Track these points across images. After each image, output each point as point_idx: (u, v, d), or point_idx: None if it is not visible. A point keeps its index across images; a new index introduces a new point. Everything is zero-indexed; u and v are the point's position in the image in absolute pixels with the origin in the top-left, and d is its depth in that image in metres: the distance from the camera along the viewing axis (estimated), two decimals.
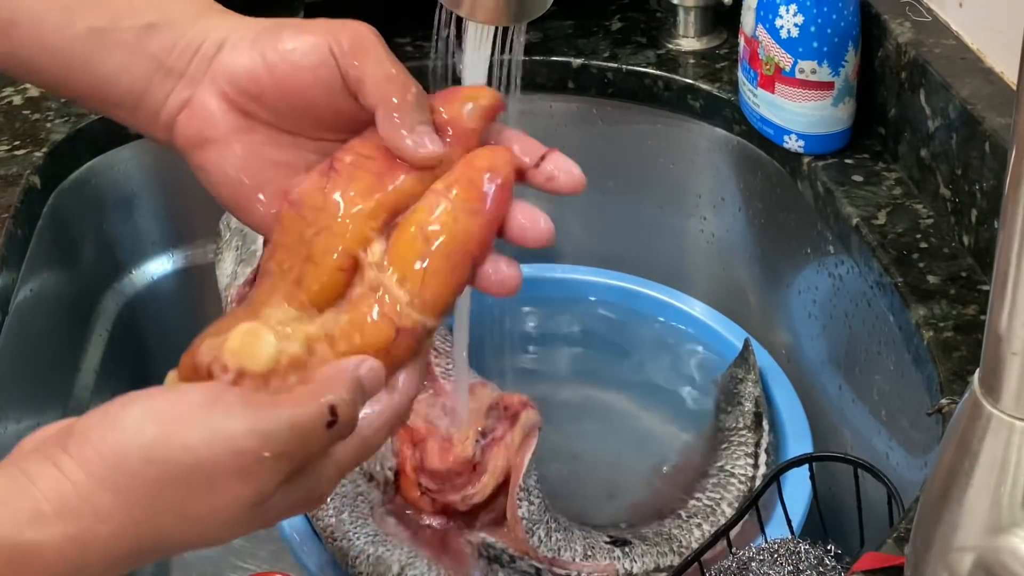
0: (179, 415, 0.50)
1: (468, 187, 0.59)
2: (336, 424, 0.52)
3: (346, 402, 0.53)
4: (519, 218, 0.60)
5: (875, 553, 0.73)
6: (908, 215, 1.01)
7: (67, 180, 1.16)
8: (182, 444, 0.50)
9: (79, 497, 0.48)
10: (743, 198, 1.20)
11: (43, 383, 1.11)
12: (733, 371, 1.12)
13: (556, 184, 0.61)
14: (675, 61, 1.22)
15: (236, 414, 0.50)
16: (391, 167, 0.60)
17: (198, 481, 0.50)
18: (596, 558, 0.97)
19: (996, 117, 0.91)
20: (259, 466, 0.50)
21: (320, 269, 0.58)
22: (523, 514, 0.96)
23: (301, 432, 0.51)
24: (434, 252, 0.58)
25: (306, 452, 0.52)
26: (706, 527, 1.00)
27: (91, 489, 0.49)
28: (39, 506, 0.48)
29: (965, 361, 0.86)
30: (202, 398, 0.51)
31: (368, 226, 0.59)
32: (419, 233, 0.58)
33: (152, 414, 0.50)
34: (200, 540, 0.52)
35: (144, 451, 0.49)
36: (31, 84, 1.14)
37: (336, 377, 0.54)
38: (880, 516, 0.88)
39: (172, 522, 0.51)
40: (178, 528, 0.51)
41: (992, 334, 0.50)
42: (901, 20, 1.04)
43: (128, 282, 1.25)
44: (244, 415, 0.50)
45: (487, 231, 0.59)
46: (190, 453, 0.49)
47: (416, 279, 0.58)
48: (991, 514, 0.52)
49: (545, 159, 0.61)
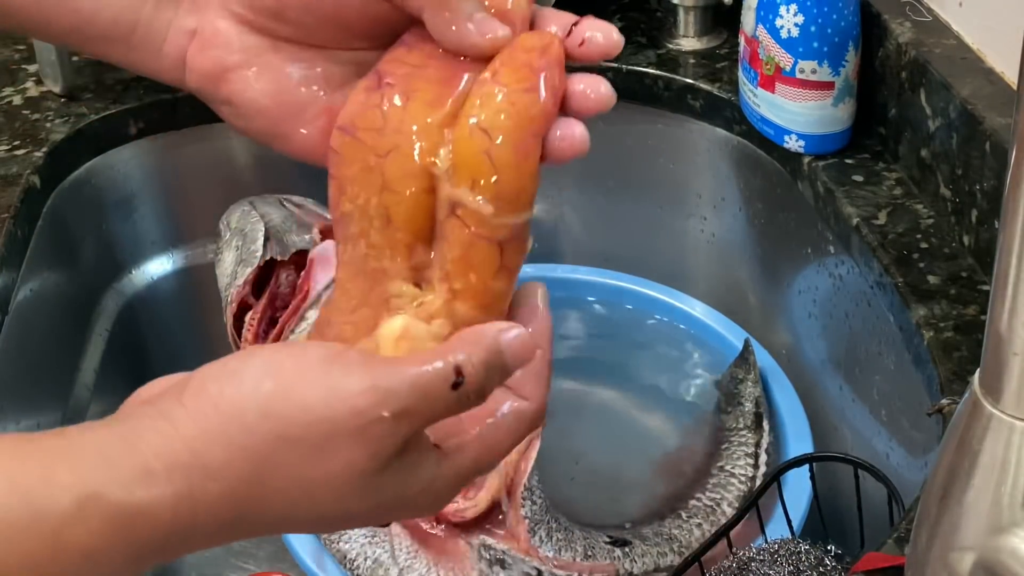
0: (299, 371, 0.48)
1: (519, 68, 0.54)
2: (462, 386, 0.48)
3: (475, 364, 0.49)
4: (578, 85, 0.54)
5: (875, 553, 0.73)
6: (908, 215, 1.00)
7: (67, 180, 1.16)
8: (300, 400, 0.47)
9: (190, 452, 0.46)
10: (743, 198, 1.20)
11: (43, 383, 1.11)
12: (733, 371, 1.12)
13: (591, 47, 0.54)
14: (675, 61, 1.22)
15: (356, 372, 0.48)
16: (450, 71, 0.54)
17: (314, 440, 0.47)
18: (596, 558, 0.97)
19: (996, 117, 0.91)
20: (377, 426, 0.47)
21: (399, 197, 0.54)
22: (526, 513, 0.96)
23: (423, 390, 0.48)
24: (499, 147, 0.53)
25: (428, 414, 0.49)
26: (706, 527, 1.00)
27: (202, 444, 0.46)
28: (149, 464, 0.45)
29: (965, 361, 0.86)
30: (323, 355, 0.48)
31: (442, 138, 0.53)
32: (477, 130, 0.53)
33: (272, 369, 0.48)
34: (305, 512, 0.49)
35: (261, 406, 0.47)
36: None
37: (470, 339, 0.50)
38: (880, 516, 0.88)
39: (282, 485, 0.48)
40: (287, 494, 0.48)
41: (992, 334, 0.49)
42: (901, 20, 1.04)
43: (128, 282, 1.25)
44: (364, 373, 0.48)
45: (549, 108, 0.54)
46: (307, 410, 0.47)
47: (488, 181, 0.53)
48: (991, 514, 0.52)
49: (578, 25, 0.55)
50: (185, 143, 1.23)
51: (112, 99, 1.20)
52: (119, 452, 0.46)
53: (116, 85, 1.22)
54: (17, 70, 1.24)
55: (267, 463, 0.47)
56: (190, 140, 1.23)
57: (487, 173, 0.53)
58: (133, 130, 1.21)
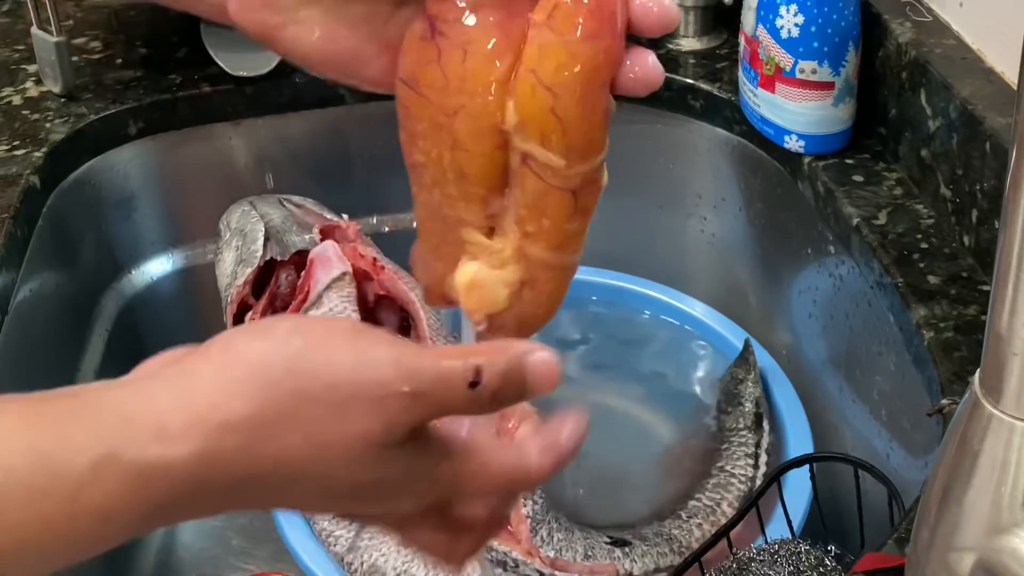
0: (328, 335, 0.49)
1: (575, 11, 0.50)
2: (478, 387, 0.49)
3: (494, 371, 0.49)
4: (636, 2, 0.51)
5: (876, 554, 0.73)
6: (909, 215, 1.00)
7: (67, 180, 1.16)
8: (327, 360, 0.48)
9: (209, 406, 0.46)
10: (743, 198, 1.20)
11: (43, 383, 1.10)
12: (733, 371, 1.12)
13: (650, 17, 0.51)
14: (675, 61, 1.22)
15: (383, 345, 0.49)
16: (504, 9, 0.51)
17: (334, 401, 0.48)
18: (596, 558, 0.97)
19: (997, 117, 0.91)
20: (396, 400, 0.48)
21: (472, 155, 0.53)
22: (528, 512, 0.96)
23: (442, 378, 0.49)
24: (564, 103, 0.50)
25: (442, 403, 0.49)
26: (706, 527, 1.00)
27: (223, 397, 0.46)
28: (164, 421, 0.46)
29: (966, 361, 0.86)
30: (352, 326, 0.50)
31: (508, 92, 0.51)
32: (540, 87, 0.50)
33: (302, 329, 0.49)
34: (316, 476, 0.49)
35: (287, 361, 0.47)
36: None
37: (496, 348, 0.51)
38: (881, 517, 0.88)
39: (297, 442, 0.48)
40: (301, 451, 0.48)
41: (993, 334, 0.49)
42: (901, 20, 1.04)
43: (128, 282, 1.25)
44: (390, 348, 0.49)
45: (614, 54, 0.50)
46: (332, 371, 0.48)
47: (558, 136, 0.51)
48: (991, 514, 0.52)
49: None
50: (185, 143, 1.23)
51: (112, 99, 1.20)
52: (134, 411, 0.46)
53: (116, 85, 1.22)
54: (17, 70, 1.24)
55: (287, 417, 0.47)
56: (190, 140, 1.23)
57: (555, 130, 0.51)
58: (133, 130, 1.21)
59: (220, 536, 1.21)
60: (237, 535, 1.21)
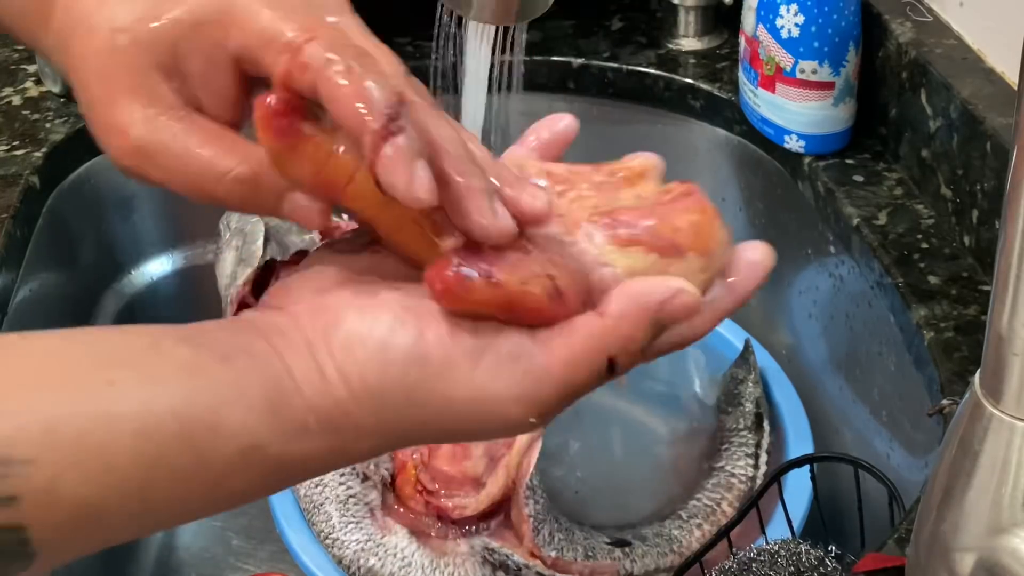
0: (446, 362, 0.48)
1: None
2: (616, 367, 0.49)
3: (630, 351, 0.49)
4: None
5: (876, 554, 0.73)
6: (909, 215, 1.00)
7: (66, 180, 1.16)
8: (445, 397, 0.48)
9: (342, 413, 0.48)
10: (744, 198, 1.20)
11: None
12: (734, 372, 1.11)
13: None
14: (675, 61, 1.22)
15: (505, 376, 0.48)
16: None
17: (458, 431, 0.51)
18: (597, 559, 0.97)
19: (997, 117, 0.91)
20: (523, 428, 0.50)
21: None
22: (530, 512, 0.96)
23: (572, 391, 0.49)
24: None
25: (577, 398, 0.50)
26: (707, 528, 1.00)
27: (354, 407, 0.48)
28: (305, 419, 0.47)
29: (966, 362, 0.86)
30: (471, 346, 0.48)
31: None
32: None
33: (418, 354, 0.48)
34: None
35: (407, 393, 0.48)
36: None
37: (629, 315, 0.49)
38: (881, 517, 0.88)
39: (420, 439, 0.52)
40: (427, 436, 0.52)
41: (993, 334, 0.49)
42: (902, 20, 1.04)
43: (128, 282, 1.25)
44: (512, 380, 0.48)
45: None
46: (453, 409, 0.48)
47: None
48: (992, 515, 0.52)
49: None
50: None
51: None
52: (280, 403, 0.47)
53: None
54: (17, 70, 1.24)
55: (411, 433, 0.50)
56: None
57: None
58: None
59: (220, 536, 1.21)
60: (237, 535, 1.21)
